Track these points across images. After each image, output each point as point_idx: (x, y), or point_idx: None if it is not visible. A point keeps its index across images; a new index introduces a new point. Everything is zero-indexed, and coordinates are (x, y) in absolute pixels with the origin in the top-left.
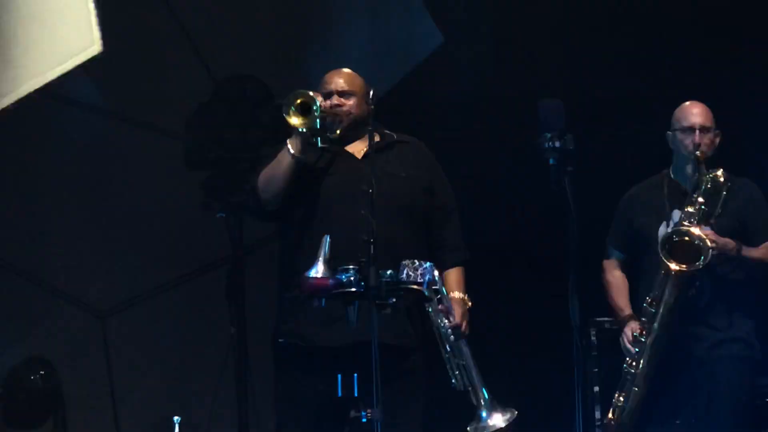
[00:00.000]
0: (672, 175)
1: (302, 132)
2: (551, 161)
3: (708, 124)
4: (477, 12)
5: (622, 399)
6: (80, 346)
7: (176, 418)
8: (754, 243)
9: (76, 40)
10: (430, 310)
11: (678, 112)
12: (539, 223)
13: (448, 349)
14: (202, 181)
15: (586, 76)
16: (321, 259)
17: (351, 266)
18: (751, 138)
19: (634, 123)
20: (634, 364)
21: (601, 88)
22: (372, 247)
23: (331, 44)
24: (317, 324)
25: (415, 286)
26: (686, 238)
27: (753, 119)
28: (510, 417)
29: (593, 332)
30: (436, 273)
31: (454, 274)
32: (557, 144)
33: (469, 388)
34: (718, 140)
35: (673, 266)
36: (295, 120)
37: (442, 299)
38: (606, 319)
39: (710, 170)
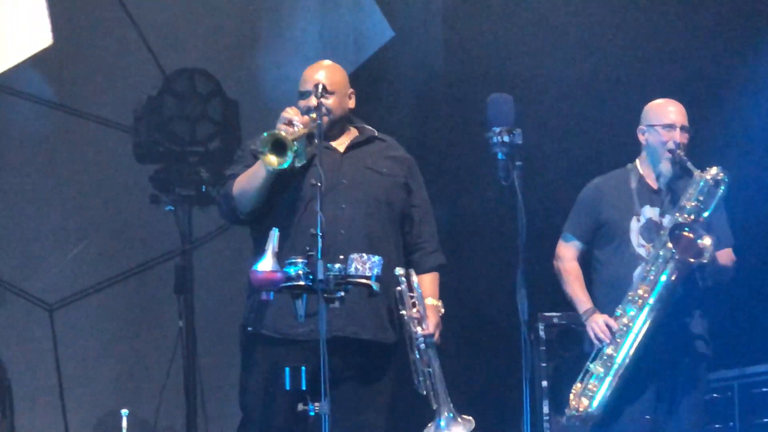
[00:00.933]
0: (640, 170)
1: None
2: (500, 156)
3: (686, 123)
4: (427, 6)
5: (594, 388)
6: (28, 339)
7: (124, 411)
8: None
9: (30, 36)
10: (403, 313)
11: (656, 108)
12: (487, 217)
13: (418, 355)
14: (151, 174)
15: (536, 70)
16: (269, 252)
17: (299, 259)
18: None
19: (583, 118)
20: (612, 354)
21: (552, 82)
22: (320, 240)
23: (281, 38)
24: (288, 316)
25: (363, 280)
26: (691, 234)
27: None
28: (469, 429)
29: (541, 327)
30: (414, 279)
31: (429, 279)
32: (506, 138)
33: (431, 393)
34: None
35: (686, 257)
36: (271, 159)
37: (418, 303)
38: (554, 314)
39: (706, 168)
